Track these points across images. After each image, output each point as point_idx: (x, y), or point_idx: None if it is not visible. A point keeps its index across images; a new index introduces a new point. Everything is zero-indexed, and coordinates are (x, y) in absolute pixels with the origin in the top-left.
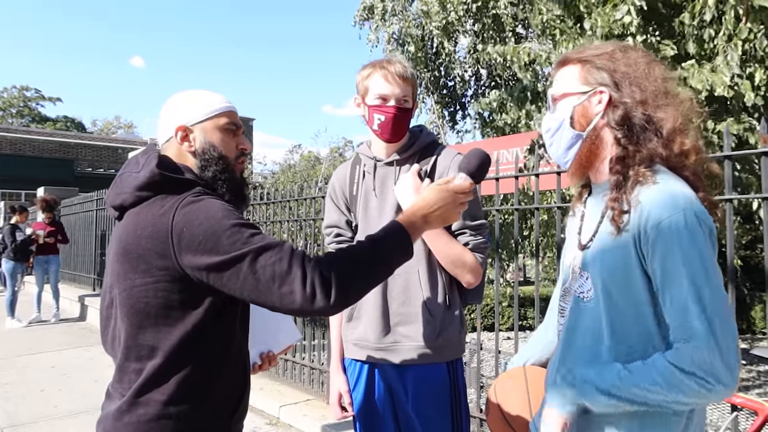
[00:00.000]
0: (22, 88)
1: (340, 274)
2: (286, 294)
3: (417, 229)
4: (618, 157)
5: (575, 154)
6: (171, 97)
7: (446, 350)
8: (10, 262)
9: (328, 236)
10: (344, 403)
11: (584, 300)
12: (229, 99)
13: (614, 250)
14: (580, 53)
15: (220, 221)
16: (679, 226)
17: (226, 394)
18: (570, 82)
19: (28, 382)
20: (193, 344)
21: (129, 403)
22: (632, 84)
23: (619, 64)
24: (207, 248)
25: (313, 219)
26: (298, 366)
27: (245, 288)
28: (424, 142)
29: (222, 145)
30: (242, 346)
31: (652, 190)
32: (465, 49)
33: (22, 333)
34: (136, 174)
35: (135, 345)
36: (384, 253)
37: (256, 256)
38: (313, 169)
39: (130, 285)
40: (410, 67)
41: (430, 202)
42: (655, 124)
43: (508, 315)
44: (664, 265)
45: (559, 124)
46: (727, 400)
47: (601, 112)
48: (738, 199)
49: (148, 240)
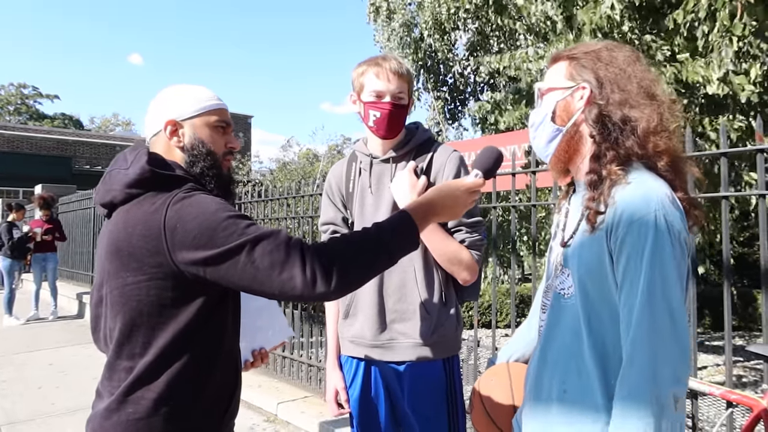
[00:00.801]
0: (20, 86)
1: (341, 259)
2: (286, 280)
3: (424, 219)
4: (593, 156)
5: (555, 149)
6: (162, 90)
7: (442, 347)
8: (8, 259)
9: (325, 233)
10: (341, 399)
11: (565, 297)
12: (223, 96)
13: (591, 248)
14: (571, 50)
15: (213, 214)
16: (648, 228)
17: (217, 391)
18: (557, 78)
19: (26, 379)
20: (186, 342)
21: (118, 402)
22: (612, 83)
23: (603, 61)
24: (202, 242)
25: (311, 216)
26: (295, 363)
27: (244, 278)
28: (420, 139)
29: (211, 142)
30: (233, 343)
31: (626, 190)
32: (464, 45)
33: (20, 330)
34: (126, 171)
35: (127, 343)
36: (387, 240)
37: (254, 245)
38: (311, 167)
39: (121, 283)
40: (406, 64)
41: (441, 194)
42: (631, 122)
43: (506, 312)
44: (627, 264)
45: (543, 117)
46: (722, 396)
47: (582, 108)
48: (734, 196)
49: (139, 238)
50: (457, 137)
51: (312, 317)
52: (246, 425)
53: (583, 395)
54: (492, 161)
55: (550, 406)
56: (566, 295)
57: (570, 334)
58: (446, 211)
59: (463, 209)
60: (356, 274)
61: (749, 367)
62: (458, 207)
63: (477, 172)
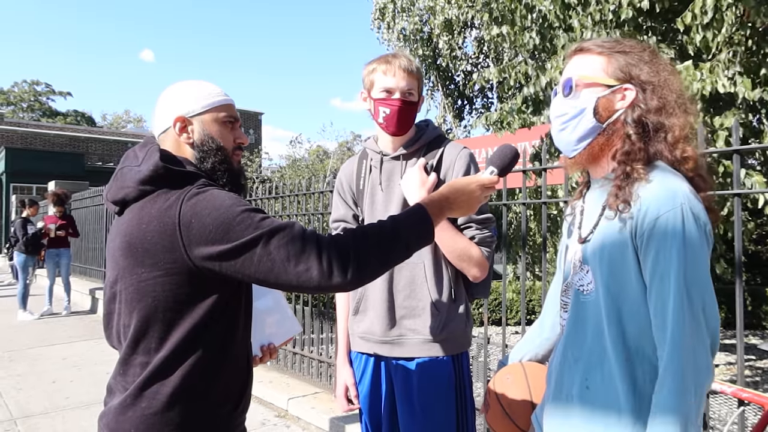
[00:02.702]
0: (33, 83)
1: (356, 250)
2: (302, 272)
3: (439, 213)
4: (624, 152)
5: (588, 144)
6: (169, 87)
7: (451, 344)
8: (22, 255)
9: (335, 230)
10: (350, 395)
11: (584, 293)
12: (234, 93)
13: (614, 243)
14: (605, 46)
15: (228, 209)
16: (675, 222)
17: (229, 386)
18: (596, 72)
19: (40, 373)
20: (201, 336)
21: (133, 397)
22: (654, 90)
23: (647, 66)
24: (218, 237)
25: (322, 213)
26: (306, 359)
27: (261, 271)
28: (430, 136)
29: (220, 137)
30: (245, 337)
31: (651, 186)
32: (472, 43)
33: (33, 325)
34: (138, 168)
35: (143, 339)
36: (403, 232)
37: (269, 238)
38: (321, 163)
39: (136, 280)
40: (416, 62)
41: (456, 189)
42: (665, 129)
43: (516, 309)
44: (656, 259)
45: (579, 111)
46: (733, 394)
47: (623, 109)
48: (746, 194)
49: (154, 234)
50: (464, 135)
51: (322, 314)
52: (257, 420)
53: (605, 392)
54: (508, 159)
55: (571, 403)
56: (585, 292)
57: (591, 330)
58: (460, 207)
59: (477, 205)
60: (372, 265)
61: (759, 367)
62: (472, 203)
63: (492, 169)
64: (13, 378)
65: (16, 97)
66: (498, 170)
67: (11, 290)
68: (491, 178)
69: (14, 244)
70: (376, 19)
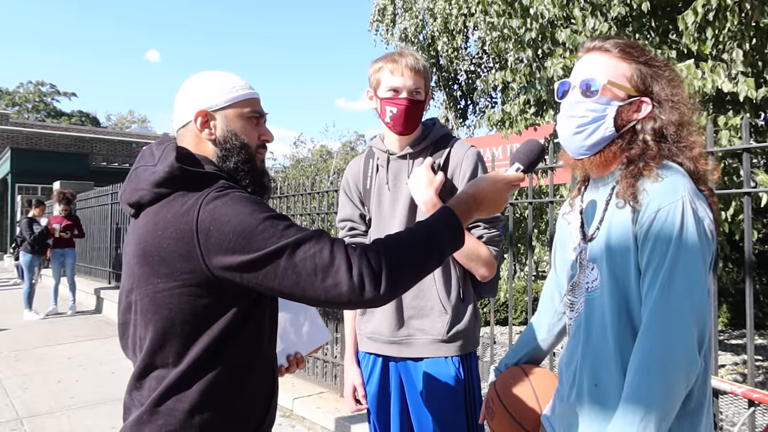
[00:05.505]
0: (38, 84)
1: (389, 260)
2: (330, 287)
3: (467, 214)
4: (640, 155)
5: (599, 151)
6: (190, 77)
7: (460, 344)
8: (28, 255)
9: (342, 230)
10: (358, 395)
11: (589, 290)
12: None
13: (619, 236)
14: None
15: (250, 215)
16: (675, 215)
17: (253, 400)
18: (620, 79)
19: (46, 373)
20: (221, 350)
21: (149, 413)
22: (675, 106)
23: (666, 83)
24: (239, 246)
25: (326, 213)
26: (311, 359)
27: (285, 284)
28: (437, 134)
29: (244, 134)
30: (271, 348)
31: (657, 182)
32: (475, 43)
33: (39, 325)
34: (153, 168)
35: (159, 352)
36: (435, 238)
37: (295, 248)
38: (324, 163)
39: (152, 290)
40: (423, 60)
41: (483, 189)
42: (688, 145)
43: (521, 309)
44: (652, 250)
45: (599, 117)
46: (744, 395)
47: (637, 120)
48: (756, 192)
49: (170, 241)
50: (467, 135)
51: (327, 314)
52: None
53: (614, 389)
54: (535, 155)
55: (581, 401)
56: (590, 289)
57: (597, 327)
58: (488, 206)
59: (504, 204)
60: (407, 276)
61: (766, 367)
62: (500, 202)
63: (518, 165)
64: (19, 377)
65: (21, 98)
66: (524, 167)
67: (17, 290)
68: (518, 175)
69: (20, 243)
70: (376, 21)
